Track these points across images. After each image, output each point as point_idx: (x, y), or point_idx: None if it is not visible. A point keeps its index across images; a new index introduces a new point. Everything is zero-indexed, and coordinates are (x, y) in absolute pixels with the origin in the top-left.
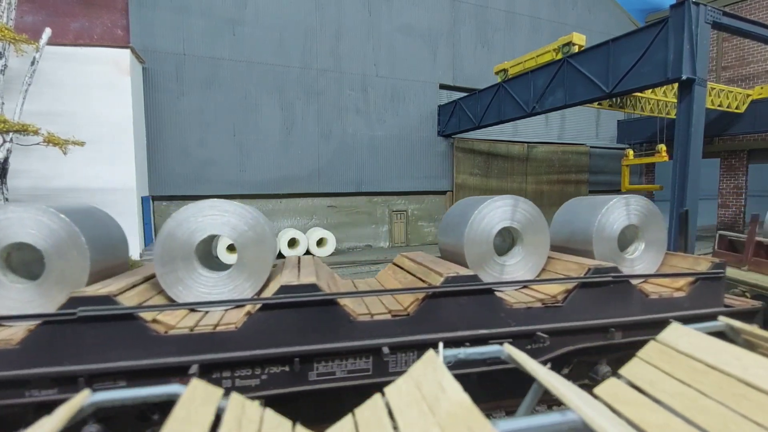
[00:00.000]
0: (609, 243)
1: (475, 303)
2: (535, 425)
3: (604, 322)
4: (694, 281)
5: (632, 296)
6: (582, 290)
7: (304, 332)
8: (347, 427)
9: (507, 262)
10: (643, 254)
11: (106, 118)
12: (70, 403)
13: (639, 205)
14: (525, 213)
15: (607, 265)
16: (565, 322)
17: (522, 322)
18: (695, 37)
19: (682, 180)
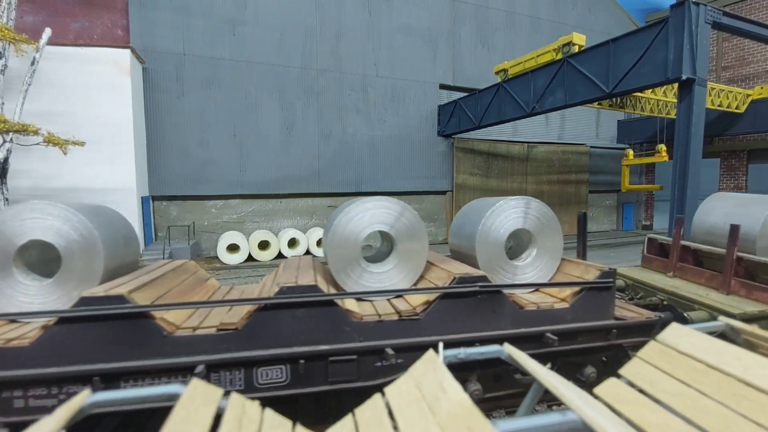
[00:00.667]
0: (494, 248)
1: (314, 316)
2: (535, 425)
3: (465, 336)
4: (579, 291)
5: (503, 308)
6: (444, 302)
7: (106, 348)
8: (347, 427)
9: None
10: (534, 261)
11: (106, 118)
12: (69, 403)
13: (533, 209)
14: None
15: (474, 274)
16: (420, 336)
17: (370, 337)
18: (695, 37)
19: (682, 180)
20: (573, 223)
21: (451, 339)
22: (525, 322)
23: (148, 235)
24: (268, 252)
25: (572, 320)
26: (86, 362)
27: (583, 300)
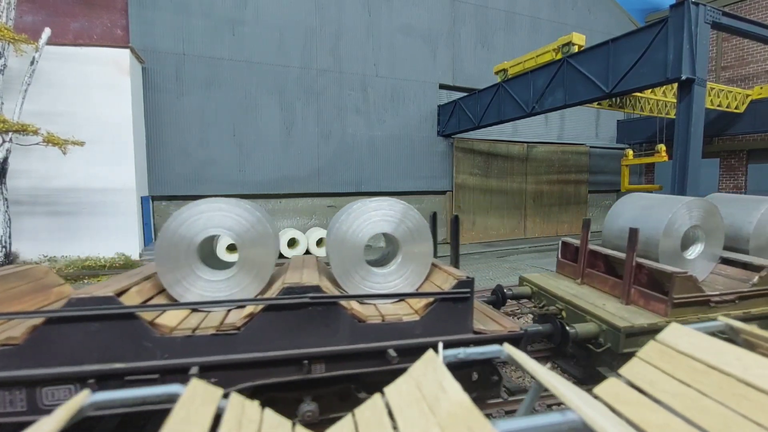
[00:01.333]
0: (352, 253)
1: (109, 330)
2: (535, 425)
3: (289, 354)
4: (432, 302)
5: (339, 321)
6: (269, 314)
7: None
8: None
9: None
10: (399, 269)
11: (106, 118)
12: (69, 404)
13: (398, 211)
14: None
15: (306, 284)
16: (236, 353)
17: (176, 354)
18: (695, 37)
19: (682, 180)
20: (573, 223)
21: (271, 357)
22: (365, 337)
23: (147, 235)
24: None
25: (422, 334)
26: None
27: (436, 312)
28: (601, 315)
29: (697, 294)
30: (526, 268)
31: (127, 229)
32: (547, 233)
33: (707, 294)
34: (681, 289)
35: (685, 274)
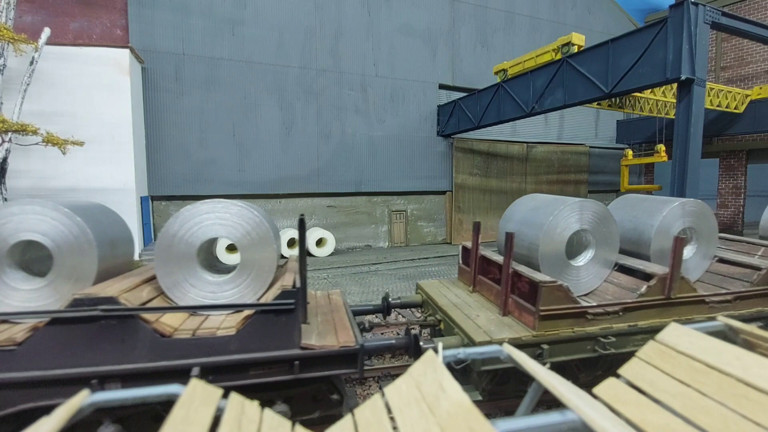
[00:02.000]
0: (181, 260)
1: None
2: (535, 425)
3: (75, 372)
4: (252, 315)
5: (138, 336)
6: (54, 328)
7: None
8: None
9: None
10: (236, 276)
11: (106, 118)
12: (68, 404)
13: (234, 213)
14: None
15: (99, 295)
16: (14, 371)
17: None
18: (694, 38)
19: (681, 180)
20: None
21: (52, 376)
22: (168, 353)
23: (147, 235)
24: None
25: (237, 350)
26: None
27: (254, 325)
28: (466, 327)
29: (570, 306)
30: None
31: None
32: None
33: (582, 306)
34: (550, 299)
35: (554, 283)
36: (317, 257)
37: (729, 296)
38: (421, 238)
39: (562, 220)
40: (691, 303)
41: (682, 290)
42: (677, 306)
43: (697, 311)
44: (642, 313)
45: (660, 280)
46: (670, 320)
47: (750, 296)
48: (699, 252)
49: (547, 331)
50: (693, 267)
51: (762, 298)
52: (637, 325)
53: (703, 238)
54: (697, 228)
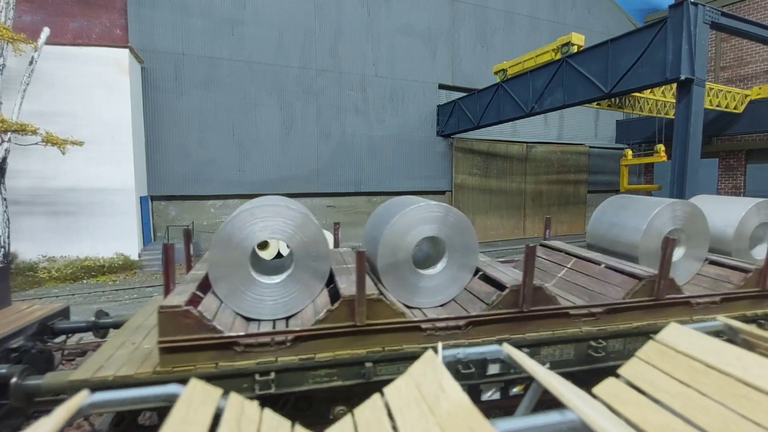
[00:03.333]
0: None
1: None
2: (535, 425)
3: None
4: None
5: None
6: None
7: None
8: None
9: None
10: None
11: (105, 118)
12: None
13: None
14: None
15: None
16: None
17: None
18: (694, 38)
19: (681, 180)
20: (572, 223)
21: None
22: None
23: (146, 235)
24: (268, 252)
25: None
26: None
27: None
28: None
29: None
30: None
31: (127, 230)
32: None
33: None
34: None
35: (179, 308)
36: None
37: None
38: None
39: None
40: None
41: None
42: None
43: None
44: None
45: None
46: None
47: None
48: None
49: None
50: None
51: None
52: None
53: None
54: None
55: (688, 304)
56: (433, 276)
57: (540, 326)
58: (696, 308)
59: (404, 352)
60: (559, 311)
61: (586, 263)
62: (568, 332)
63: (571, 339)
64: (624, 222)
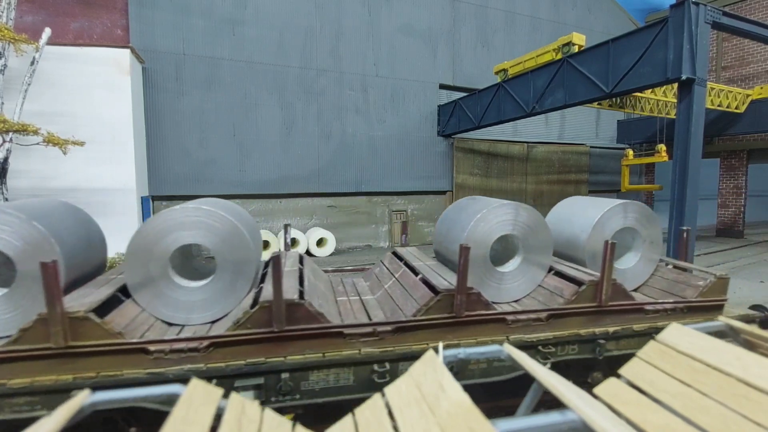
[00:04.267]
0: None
1: None
2: (535, 425)
3: None
4: None
5: None
6: None
7: None
8: (347, 427)
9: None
10: None
11: (106, 118)
12: (69, 404)
13: None
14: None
15: None
16: None
17: None
18: (695, 37)
19: (682, 180)
20: None
21: None
22: None
23: None
24: (268, 252)
25: None
26: None
27: None
28: None
29: None
30: None
31: (127, 230)
32: None
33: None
34: None
35: None
36: (318, 257)
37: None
38: (422, 237)
39: None
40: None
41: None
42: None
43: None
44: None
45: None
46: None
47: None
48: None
49: None
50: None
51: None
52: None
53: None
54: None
55: (503, 321)
56: None
57: (306, 347)
58: (512, 326)
59: None
60: (327, 330)
61: (409, 274)
62: (343, 354)
63: (347, 362)
64: (454, 227)
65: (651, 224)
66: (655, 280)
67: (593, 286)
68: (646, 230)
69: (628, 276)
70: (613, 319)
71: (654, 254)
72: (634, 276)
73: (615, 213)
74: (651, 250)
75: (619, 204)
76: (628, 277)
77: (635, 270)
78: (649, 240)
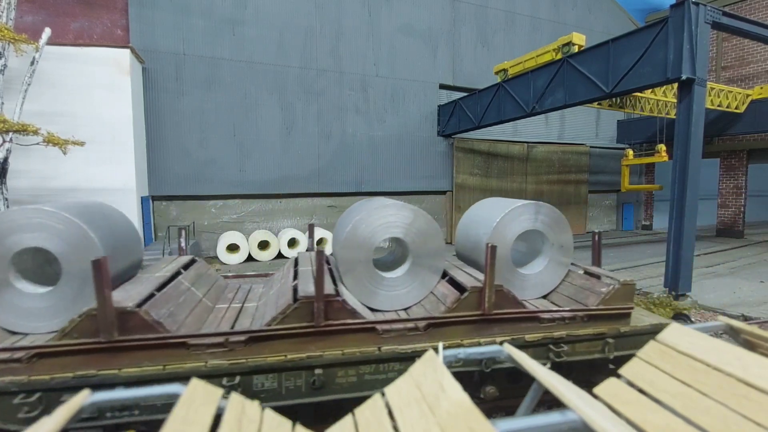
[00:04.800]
0: None
1: None
2: (535, 425)
3: None
4: None
5: None
6: None
7: None
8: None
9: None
10: None
11: (106, 118)
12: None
13: None
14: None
15: None
16: None
17: None
18: (695, 37)
19: (682, 180)
20: (573, 223)
21: None
22: None
23: (147, 235)
24: (268, 252)
25: None
26: None
27: None
28: None
29: None
30: None
31: None
32: None
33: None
34: None
35: None
36: None
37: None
38: None
39: None
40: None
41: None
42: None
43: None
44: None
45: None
46: None
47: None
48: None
49: None
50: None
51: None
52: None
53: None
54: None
55: (373, 330)
56: None
57: (143, 359)
58: (385, 337)
59: None
60: (166, 341)
61: (289, 279)
62: (186, 367)
63: (190, 375)
64: (337, 233)
65: (560, 227)
66: (564, 287)
67: (476, 292)
68: (555, 234)
69: (534, 281)
70: (502, 328)
71: (564, 258)
72: (541, 282)
73: (518, 215)
74: (561, 254)
75: (523, 205)
76: (535, 283)
77: (543, 275)
78: (558, 244)
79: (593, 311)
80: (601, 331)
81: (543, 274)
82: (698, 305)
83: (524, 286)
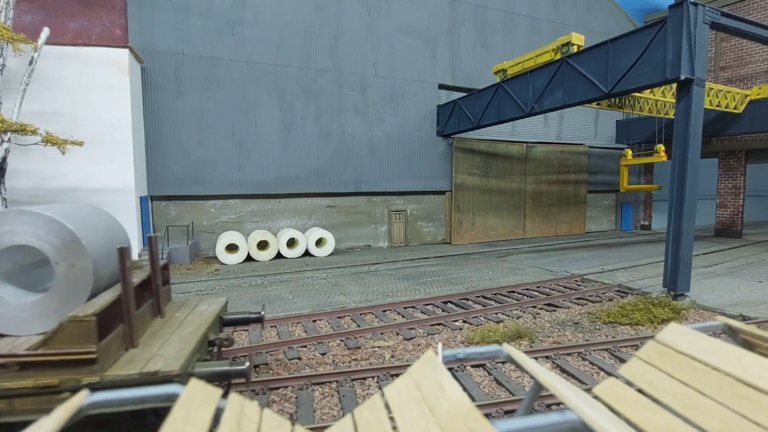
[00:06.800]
0: None
1: None
2: (535, 425)
3: None
4: None
5: None
6: None
7: None
8: (347, 428)
9: None
10: None
11: (105, 118)
12: (68, 404)
13: None
14: None
15: None
16: None
17: None
18: (694, 38)
19: (681, 180)
20: (572, 223)
21: None
22: None
23: (146, 235)
24: (267, 252)
25: None
26: None
27: None
28: None
29: None
30: (525, 268)
31: (126, 229)
32: (547, 233)
33: None
34: None
35: None
36: (317, 257)
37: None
38: (421, 238)
39: None
40: None
41: None
42: None
43: None
44: None
45: None
46: None
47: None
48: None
49: None
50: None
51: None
52: None
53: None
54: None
55: None
56: None
57: None
58: None
59: None
60: None
61: None
62: None
63: None
64: None
65: (64, 240)
66: None
67: None
68: (58, 250)
69: (17, 313)
70: None
71: (84, 284)
72: (39, 314)
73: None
74: (76, 278)
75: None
76: (27, 316)
77: (43, 305)
78: (68, 263)
79: (24, 357)
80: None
81: (43, 302)
82: (697, 305)
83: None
